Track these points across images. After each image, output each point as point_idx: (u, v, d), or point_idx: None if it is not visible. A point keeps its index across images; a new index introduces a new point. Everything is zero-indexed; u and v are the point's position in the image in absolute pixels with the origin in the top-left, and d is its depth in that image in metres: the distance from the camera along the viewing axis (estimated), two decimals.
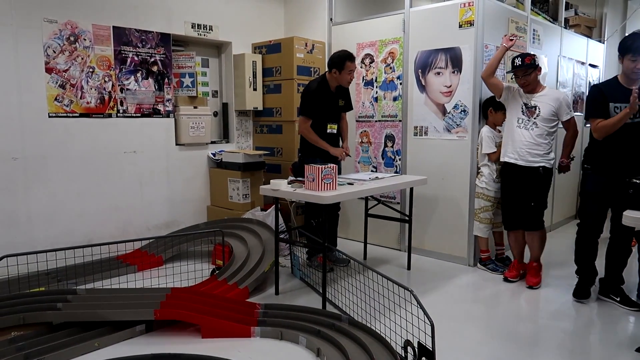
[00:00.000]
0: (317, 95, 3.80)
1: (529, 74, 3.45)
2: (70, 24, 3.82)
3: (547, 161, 3.47)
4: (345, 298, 3.20)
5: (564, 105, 3.42)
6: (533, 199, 3.49)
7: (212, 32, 4.75)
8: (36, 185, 3.73)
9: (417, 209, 4.19)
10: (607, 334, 2.85)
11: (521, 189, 3.51)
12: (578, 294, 3.32)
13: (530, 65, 3.43)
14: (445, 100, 4.08)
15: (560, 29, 5.13)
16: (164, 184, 4.49)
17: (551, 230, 5.33)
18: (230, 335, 2.71)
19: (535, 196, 3.49)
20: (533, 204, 3.49)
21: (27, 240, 3.68)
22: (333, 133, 3.96)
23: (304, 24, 5.17)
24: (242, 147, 5.16)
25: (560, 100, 3.42)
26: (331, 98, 3.90)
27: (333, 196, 3.03)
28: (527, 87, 3.49)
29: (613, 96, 3.05)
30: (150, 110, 4.35)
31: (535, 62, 3.44)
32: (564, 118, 3.45)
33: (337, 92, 3.93)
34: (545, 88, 3.54)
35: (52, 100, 3.77)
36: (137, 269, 3.80)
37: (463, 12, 3.90)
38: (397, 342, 2.49)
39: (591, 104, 3.16)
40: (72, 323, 2.67)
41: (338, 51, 3.82)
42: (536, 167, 3.44)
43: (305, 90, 3.91)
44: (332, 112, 3.95)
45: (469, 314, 3.14)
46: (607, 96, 3.06)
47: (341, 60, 3.71)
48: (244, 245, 3.86)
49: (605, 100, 3.06)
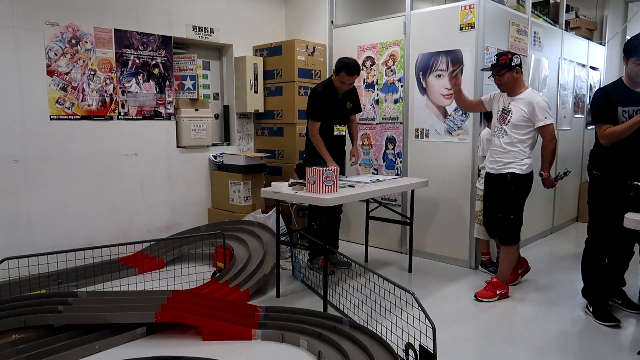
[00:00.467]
0: (322, 98, 3.80)
1: (502, 75, 3.23)
2: (72, 26, 3.82)
3: (519, 167, 3.22)
4: (347, 301, 3.19)
5: (537, 110, 3.14)
6: (501, 210, 3.31)
7: (213, 35, 4.76)
8: (37, 188, 3.74)
9: (418, 211, 4.18)
10: (609, 337, 2.84)
11: (492, 199, 3.37)
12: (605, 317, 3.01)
13: (503, 65, 3.22)
14: (446, 102, 4.09)
15: (561, 32, 5.14)
16: (165, 187, 4.49)
17: (552, 232, 5.33)
18: (231, 338, 2.70)
19: (503, 206, 3.30)
20: (500, 215, 3.31)
21: (28, 242, 3.68)
22: (341, 135, 3.96)
23: (305, 26, 5.18)
24: (243, 149, 5.17)
25: (533, 105, 3.15)
26: (337, 100, 3.88)
27: (334, 198, 3.02)
28: (502, 88, 3.33)
29: (621, 100, 2.87)
30: (151, 113, 4.35)
31: (511, 63, 3.20)
32: (537, 124, 3.17)
33: (344, 94, 3.92)
34: (524, 91, 3.26)
35: (54, 102, 3.78)
36: (138, 272, 3.80)
37: (464, 15, 3.91)
38: (399, 344, 2.49)
39: (599, 109, 2.94)
40: (73, 325, 2.66)
41: (347, 58, 3.76)
42: (504, 173, 3.25)
43: (311, 92, 3.92)
44: (340, 114, 3.95)
45: (471, 316, 3.14)
46: (615, 100, 2.87)
47: (338, 68, 3.71)
48: (245, 248, 3.85)
49: (614, 104, 2.86)
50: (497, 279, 3.41)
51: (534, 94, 3.25)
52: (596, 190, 3.03)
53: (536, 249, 4.68)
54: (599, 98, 2.98)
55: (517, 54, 3.32)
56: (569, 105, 5.40)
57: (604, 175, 2.98)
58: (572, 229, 5.61)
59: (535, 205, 4.87)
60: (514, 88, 3.27)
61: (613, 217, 2.86)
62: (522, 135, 3.22)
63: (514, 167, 3.23)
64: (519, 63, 3.25)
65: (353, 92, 4.01)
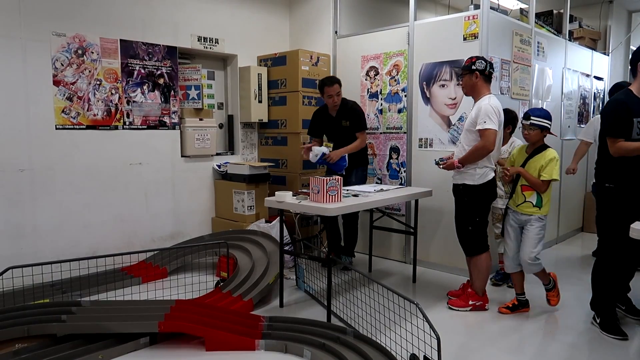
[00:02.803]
0: (316, 116, 4.27)
1: (462, 76, 3.24)
2: (78, 37, 3.86)
3: (470, 177, 3.18)
4: (350, 311, 3.18)
5: (480, 113, 3.07)
6: (459, 221, 3.31)
7: (218, 45, 4.80)
8: (42, 197, 3.75)
9: (422, 221, 4.17)
10: (615, 349, 2.80)
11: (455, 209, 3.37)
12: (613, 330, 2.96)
13: (464, 67, 3.22)
14: (450, 112, 4.09)
15: (564, 42, 5.15)
16: (169, 196, 4.50)
17: (558, 242, 5.30)
18: (234, 348, 2.69)
19: (460, 217, 3.30)
20: (459, 226, 3.31)
21: (32, 251, 3.68)
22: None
23: (309, 36, 5.21)
24: (247, 158, 5.18)
25: (480, 108, 3.09)
26: (330, 119, 4.18)
27: (337, 208, 3.02)
28: (463, 91, 3.34)
29: (636, 110, 2.77)
30: (156, 123, 4.38)
31: (472, 66, 3.15)
32: (476, 127, 3.10)
33: (339, 114, 4.15)
34: (483, 97, 3.16)
35: (59, 112, 3.80)
36: (141, 281, 3.80)
37: (467, 25, 3.92)
38: (403, 355, 2.47)
39: (615, 120, 2.79)
40: (76, 335, 2.66)
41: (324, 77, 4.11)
42: (458, 184, 3.26)
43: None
44: (335, 132, 4.19)
45: (476, 327, 3.11)
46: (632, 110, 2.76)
47: (319, 87, 4.11)
48: (249, 257, 3.85)
49: (630, 116, 2.75)
50: (472, 290, 3.37)
51: (487, 99, 3.14)
52: (611, 203, 2.90)
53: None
54: (615, 108, 2.82)
55: (488, 60, 3.21)
56: (573, 115, 5.40)
57: (619, 187, 2.85)
58: (577, 239, 5.57)
59: None
60: (474, 93, 3.23)
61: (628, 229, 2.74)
62: (472, 141, 3.15)
63: (466, 177, 3.21)
64: (481, 68, 3.16)
65: (350, 110, 4.16)
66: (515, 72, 4.21)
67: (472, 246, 3.31)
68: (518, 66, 4.25)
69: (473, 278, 3.37)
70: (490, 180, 3.21)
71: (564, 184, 5.26)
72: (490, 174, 3.21)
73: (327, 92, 4.03)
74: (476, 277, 3.34)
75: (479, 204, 3.24)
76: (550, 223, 5.14)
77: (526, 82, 4.40)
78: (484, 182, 3.18)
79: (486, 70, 3.18)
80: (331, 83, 4.03)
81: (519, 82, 4.28)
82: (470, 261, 3.36)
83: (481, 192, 3.21)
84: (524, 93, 4.39)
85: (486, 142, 3.07)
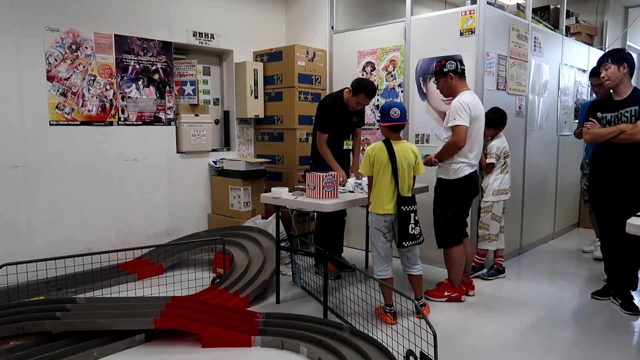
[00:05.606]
0: (331, 111, 3.81)
1: (438, 81, 3.28)
2: (72, 32, 3.83)
3: (444, 172, 3.26)
4: (347, 307, 3.18)
5: (451, 110, 3.13)
6: (434, 213, 3.38)
7: (213, 41, 4.77)
8: (37, 194, 3.73)
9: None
10: (614, 343, 2.81)
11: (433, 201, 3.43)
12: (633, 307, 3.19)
13: (437, 72, 3.26)
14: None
15: (561, 37, 5.14)
16: (164, 192, 4.48)
17: (554, 238, 5.31)
18: (230, 345, 2.68)
19: (435, 210, 3.37)
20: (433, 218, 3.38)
21: (27, 248, 3.66)
22: (349, 149, 4.01)
23: (305, 32, 5.19)
24: (243, 154, 5.16)
25: (452, 106, 3.14)
26: (345, 114, 3.89)
27: (334, 204, 3.01)
28: (443, 94, 3.38)
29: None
30: (151, 118, 4.35)
31: (443, 69, 3.19)
32: (447, 124, 3.18)
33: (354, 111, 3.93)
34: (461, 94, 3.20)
35: (54, 108, 3.77)
36: (137, 278, 3.78)
37: (464, 20, 3.91)
38: (399, 351, 2.47)
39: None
40: (71, 332, 2.65)
41: (367, 80, 3.81)
42: (437, 178, 3.35)
43: (321, 104, 3.92)
44: (346, 128, 3.97)
45: (472, 323, 3.11)
46: None
47: (358, 89, 3.68)
48: (245, 254, 3.84)
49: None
50: (447, 282, 3.45)
51: (459, 96, 3.17)
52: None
53: (538, 254, 4.66)
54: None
55: (456, 59, 3.26)
56: (569, 110, 5.40)
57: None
58: (573, 235, 5.59)
59: (536, 210, 4.86)
60: (453, 94, 3.25)
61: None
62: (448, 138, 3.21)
63: (441, 172, 3.30)
64: (452, 69, 3.20)
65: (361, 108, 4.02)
66: (512, 67, 4.20)
67: (443, 239, 3.37)
68: (515, 61, 4.24)
69: (447, 270, 3.43)
70: (467, 176, 3.23)
71: (560, 180, 5.27)
72: (466, 169, 3.23)
73: (361, 99, 3.72)
74: (449, 270, 3.40)
75: (452, 199, 3.29)
76: (547, 218, 5.15)
77: (523, 78, 4.39)
78: (457, 178, 3.22)
79: (458, 69, 3.22)
80: (373, 95, 3.74)
81: (515, 78, 4.28)
82: (444, 253, 3.42)
83: (454, 187, 3.25)
84: (521, 88, 4.38)
85: (456, 138, 3.12)
